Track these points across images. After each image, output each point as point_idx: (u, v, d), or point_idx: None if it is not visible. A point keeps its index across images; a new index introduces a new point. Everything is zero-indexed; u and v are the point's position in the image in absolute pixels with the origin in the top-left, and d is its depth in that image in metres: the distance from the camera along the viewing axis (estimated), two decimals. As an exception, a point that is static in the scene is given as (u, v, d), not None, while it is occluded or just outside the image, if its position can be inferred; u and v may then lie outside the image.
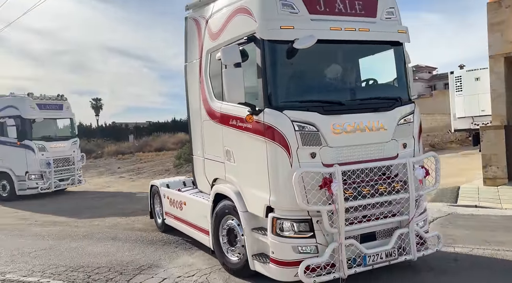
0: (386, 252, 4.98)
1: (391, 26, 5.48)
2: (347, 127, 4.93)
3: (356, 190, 4.77)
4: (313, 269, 4.59)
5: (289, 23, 4.87)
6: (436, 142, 30.02)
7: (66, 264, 6.86)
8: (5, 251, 8.07)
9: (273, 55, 4.91)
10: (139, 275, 6.06)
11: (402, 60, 5.68)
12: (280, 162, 4.78)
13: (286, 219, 4.82)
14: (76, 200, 14.88)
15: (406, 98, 5.54)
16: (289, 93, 5.10)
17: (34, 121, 15.58)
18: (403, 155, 5.19)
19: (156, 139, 40.78)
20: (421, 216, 5.44)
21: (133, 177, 21.13)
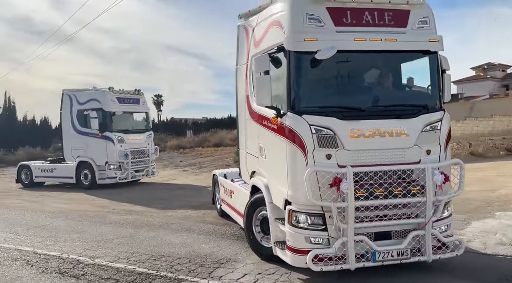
0: (398, 251, 5.29)
1: (422, 36, 5.65)
2: (366, 132, 5.28)
3: (368, 190, 5.14)
4: (321, 258, 5.11)
5: (313, 35, 5.30)
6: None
7: (148, 253, 7.20)
8: (90, 236, 8.63)
9: (297, 65, 5.38)
10: (219, 268, 6.20)
11: (435, 69, 5.79)
12: (297, 161, 5.29)
13: (301, 212, 5.35)
14: (147, 191, 15.60)
15: (434, 106, 5.69)
16: (310, 99, 5.49)
17: (114, 114, 16.47)
18: (426, 161, 5.34)
19: (214, 135, 41.67)
20: (444, 220, 5.62)
21: (196, 171, 21.73)
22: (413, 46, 5.66)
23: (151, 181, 18.17)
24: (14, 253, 7.57)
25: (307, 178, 5.05)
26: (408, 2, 5.67)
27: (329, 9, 5.45)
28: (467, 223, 8.19)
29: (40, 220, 10.62)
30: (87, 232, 9.08)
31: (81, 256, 7.18)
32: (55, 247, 7.87)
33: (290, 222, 5.44)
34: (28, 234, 9.06)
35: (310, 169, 5.10)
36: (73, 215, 11.16)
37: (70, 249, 7.71)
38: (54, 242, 8.30)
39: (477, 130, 27.37)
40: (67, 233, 9.00)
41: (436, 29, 5.82)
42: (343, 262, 5.18)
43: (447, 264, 6.01)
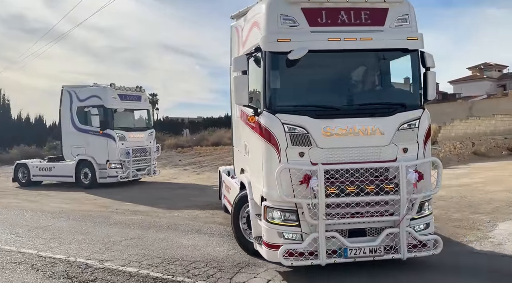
0: (370, 248, 5.31)
1: (400, 34, 5.60)
2: (339, 131, 5.32)
3: (339, 188, 5.18)
4: (292, 253, 5.23)
5: (286, 36, 5.37)
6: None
7: (160, 256, 6.80)
8: (96, 238, 8.22)
9: (271, 65, 5.47)
10: (239, 273, 5.81)
11: (414, 67, 5.72)
12: (271, 159, 5.40)
13: (275, 208, 5.46)
14: (149, 190, 15.17)
15: (413, 104, 5.65)
16: (284, 99, 5.55)
17: (116, 111, 16.01)
18: (403, 159, 5.34)
19: (212, 134, 41.27)
20: (422, 219, 5.61)
21: (197, 170, 21.31)
22: (390, 45, 5.60)
23: (152, 180, 17.75)
24: (17, 256, 7.14)
25: (277, 175, 5.16)
26: (386, 1, 5.59)
27: (304, 9, 5.48)
28: (493, 224, 7.88)
29: (41, 221, 10.18)
30: (92, 233, 8.67)
31: (89, 259, 6.77)
32: (60, 250, 7.45)
33: (265, 217, 5.57)
34: (30, 236, 8.63)
35: (281, 167, 5.20)
36: (76, 215, 10.72)
37: (77, 251, 7.29)
38: (58, 244, 7.87)
39: (479, 129, 27.18)
40: (71, 235, 8.58)
41: (417, 27, 5.72)
42: (314, 258, 5.26)
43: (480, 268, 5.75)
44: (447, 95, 58.54)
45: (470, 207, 9.44)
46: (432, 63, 5.73)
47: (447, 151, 22.76)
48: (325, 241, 5.20)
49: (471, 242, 6.88)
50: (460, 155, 23.25)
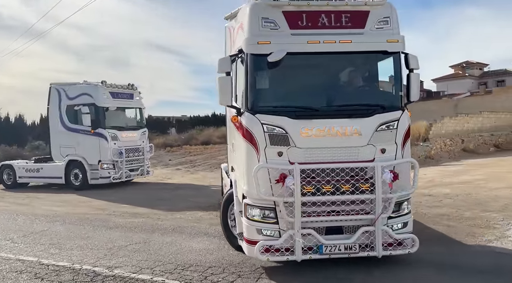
0: (345, 245, 5.43)
1: (380, 36, 5.64)
2: (317, 131, 5.42)
3: (316, 187, 5.31)
4: (268, 249, 5.40)
5: (267, 38, 5.49)
6: (500, 142, 28.34)
7: (172, 261, 6.45)
8: (98, 243, 7.82)
9: (252, 66, 5.58)
10: (261, 279, 5.53)
11: (396, 69, 5.75)
12: (251, 158, 5.52)
13: (254, 205, 5.59)
14: (145, 191, 14.71)
15: (393, 105, 5.69)
16: (264, 100, 5.69)
17: (107, 109, 15.48)
18: (381, 159, 5.43)
19: (200, 133, 40.79)
20: (400, 218, 5.69)
21: (190, 169, 20.90)
22: (369, 47, 5.65)
23: (145, 180, 17.27)
24: (17, 264, 6.70)
25: (254, 174, 5.28)
26: (367, 3, 5.65)
27: (285, 12, 5.57)
28: (508, 223, 7.79)
29: (36, 225, 9.68)
30: (93, 237, 8.25)
31: (96, 267, 6.38)
32: (62, 256, 7.03)
33: (245, 215, 5.72)
34: (26, 242, 8.16)
35: (258, 166, 5.32)
36: (71, 219, 10.25)
37: (81, 258, 6.88)
38: (59, 250, 7.44)
39: (468, 126, 27.48)
40: (71, 240, 8.15)
41: (399, 29, 5.74)
42: (290, 254, 5.40)
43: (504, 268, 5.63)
44: (431, 93, 59.36)
45: (479, 204, 9.37)
46: (416, 65, 5.74)
47: (438, 148, 22.92)
48: (301, 238, 5.33)
49: (491, 242, 6.76)
50: (451, 152, 23.46)
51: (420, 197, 10.58)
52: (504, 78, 60.72)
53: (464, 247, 6.53)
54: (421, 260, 6.01)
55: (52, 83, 16.49)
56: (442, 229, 7.49)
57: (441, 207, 9.28)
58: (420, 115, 28.39)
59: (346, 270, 5.67)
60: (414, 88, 5.74)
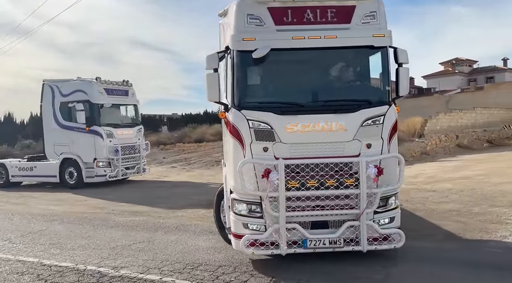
0: (330, 239, 5.45)
1: (366, 31, 5.58)
2: (302, 127, 5.42)
3: (300, 181, 5.35)
4: (253, 243, 5.46)
5: (252, 35, 5.49)
6: (493, 137, 28.54)
7: (180, 260, 6.26)
8: (100, 242, 7.59)
9: (238, 63, 5.60)
10: (275, 279, 5.36)
11: (383, 63, 5.68)
12: (237, 153, 5.56)
13: (241, 200, 5.66)
14: (142, 189, 14.45)
15: (379, 100, 5.63)
16: (249, 96, 5.72)
17: (102, 106, 15.16)
18: (366, 154, 5.40)
19: (193, 131, 40.48)
20: (386, 213, 5.66)
21: (186, 167, 20.64)
22: (355, 42, 5.60)
23: (142, 179, 16.97)
24: (17, 265, 6.46)
25: (239, 169, 5.33)
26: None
27: (270, 9, 5.57)
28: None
29: (33, 225, 9.40)
30: (94, 237, 8.01)
31: (101, 267, 6.17)
32: (64, 257, 6.79)
33: (232, 209, 5.79)
34: (25, 242, 7.90)
35: (242, 161, 5.36)
36: (70, 218, 9.98)
37: (84, 258, 6.66)
38: (60, 250, 7.20)
39: (462, 122, 27.64)
40: (71, 239, 7.90)
41: (386, 24, 5.68)
42: (275, 248, 5.45)
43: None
44: (422, 90, 59.72)
45: (485, 200, 9.30)
46: (405, 59, 5.66)
47: (434, 144, 22.98)
48: (285, 232, 5.36)
49: (506, 237, 6.65)
50: (446, 148, 23.53)
51: (425, 192, 10.52)
52: (493, 74, 61.37)
53: (479, 243, 6.41)
54: (436, 256, 5.93)
55: (45, 80, 16.11)
56: (453, 225, 7.37)
57: (448, 203, 9.20)
58: (413, 111, 28.50)
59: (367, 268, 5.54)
60: (404, 83, 5.67)
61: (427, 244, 6.44)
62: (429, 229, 7.25)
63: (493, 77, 60.55)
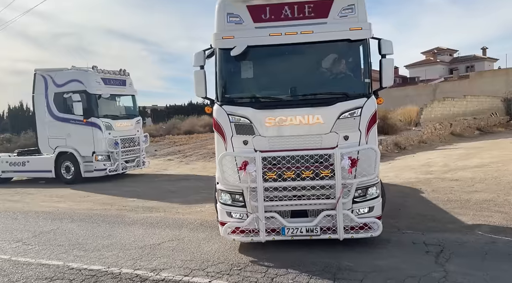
0: (307, 227, 5.70)
1: (343, 25, 5.64)
2: (280, 121, 5.63)
3: (277, 173, 5.62)
4: (234, 231, 5.89)
5: (231, 33, 5.76)
6: (482, 125, 28.94)
7: (222, 260, 5.83)
8: (125, 241, 7.10)
9: (220, 60, 5.90)
10: (339, 276, 5.01)
11: (364, 56, 5.76)
12: (220, 147, 5.92)
13: (225, 191, 6.01)
14: (146, 183, 13.84)
15: (357, 93, 5.70)
16: (230, 91, 5.98)
17: (100, 97, 14.40)
18: (344, 146, 5.56)
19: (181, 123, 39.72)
20: (365, 202, 5.78)
21: (183, 160, 20.02)
22: (332, 37, 5.66)
23: (141, 172, 16.33)
24: (42, 269, 5.92)
25: (219, 161, 5.74)
26: None
27: (249, 7, 5.77)
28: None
29: (42, 224, 8.78)
30: (115, 236, 7.49)
31: (137, 269, 5.70)
32: (91, 259, 6.27)
33: (218, 199, 6.14)
34: (40, 242, 7.32)
35: (222, 154, 5.74)
36: (79, 216, 9.38)
37: (114, 260, 6.17)
38: (84, 251, 6.67)
39: (454, 110, 27.86)
40: (91, 239, 7.37)
41: (366, 15, 5.69)
42: (255, 235, 5.80)
43: None
44: (407, 79, 60.24)
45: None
46: (389, 50, 5.72)
47: (429, 133, 23.05)
48: (264, 221, 5.64)
49: None
50: (441, 136, 23.67)
51: (448, 182, 10.32)
52: (473, 63, 62.39)
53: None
54: (497, 249, 5.66)
55: (37, 69, 15.19)
56: (496, 216, 7.15)
57: (478, 192, 9.00)
58: (402, 101, 28.63)
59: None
60: (388, 74, 5.73)
61: (476, 238, 6.15)
62: (471, 221, 7.00)
63: (473, 66, 61.54)
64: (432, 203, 8.38)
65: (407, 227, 6.85)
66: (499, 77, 38.72)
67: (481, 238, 6.12)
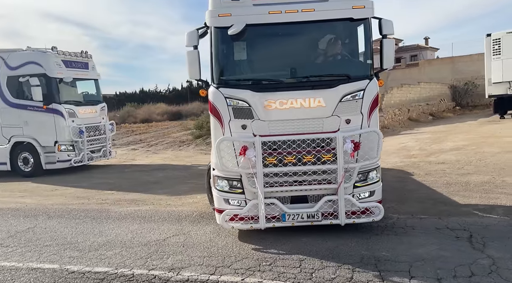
0: (308, 213, 5.56)
1: (346, 3, 5.41)
2: (280, 104, 5.37)
3: (277, 158, 5.39)
4: (232, 218, 5.64)
5: (227, 10, 5.39)
6: (434, 111, 30.27)
7: (245, 255, 5.34)
8: (123, 238, 6.41)
9: (215, 40, 5.52)
10: (385, 269, 4.71)
11: (365, 36, 5.54)
12: (216, 131, 5.60)
13: (222, 177, 5.74)
14: (119, 174, 12.87)
15: (359, 75, 5.50)
16: (227, 73, 5.68)
17: (61, 81, 13.10)
18: (346, 130, 5.37)
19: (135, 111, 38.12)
20: (366, 187, 5.66)
21: (149, 149, 19.00)
22: (333, 15, 5.44)
23: (107, 163, 15.23)
24: (35, 275, 5.14)
25: (217, 146, 5.42)
26: None
27: None
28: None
29: (14, 222, 7.76)
30: (108, 233, 6.75)
31: (152, 269, 5.08)
32: (91, 260, 5.55)
33: (215, 186, 5.88)
34: (21, 243, 6.44)
35: (220, 139, 5.42)
36: (56, 212, 8.42)
37: (119, 260, 5.49)
38: (79, 252, 5.90)
39: (410, 97, 28.79)
40: (82, 237, 6.58)
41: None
42: (254, 222, 5.58)
43: None
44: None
45: (503, 170, 9.41)
46: (390, 30, 5.55)
47: (390, 118, 23.67)
48: (264, 207, 5.43)
49: None
50: (400, 121, 24.41)
51: (436, 165, 10.46)
52: (416, 53, 65.28)
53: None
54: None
55: (-14, 49, 13.55)
56: (506, 198, 7.20)
57: (471, 174, 9.15)
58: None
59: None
60: (389, 55, 5.56)
61: (497, 221, 6.13)
62: (482, 203, 7.02)
63: (416, 55, 64.35)
64: (432, 186, 8.38)
65: (420, 212, 6.74)
66: (446, 65, 40.76)
67: (501, 220, 6.11)
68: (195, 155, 16.41)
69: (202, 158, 15.26)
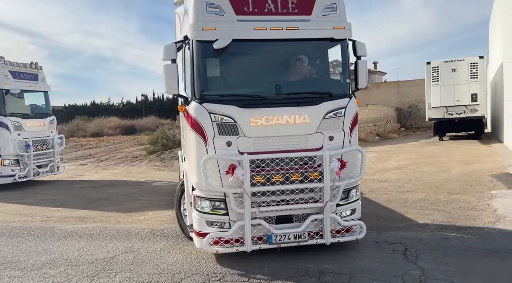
0: (295, 234, 5.50)
1: (327, 23, 5.64)
2: (266, 120, 5.35)
3: (265, 176, 5.31)
4: (217, 241, 5.40)
5: (212, 24, 5.32)
6: (380, 131, 31.83)
7: (195, 271, 5.41)
8: (68, 256, 6.27)
9: (198, 54, 5.37)
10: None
11: (344, 56, 5.78)
12: (199, 148, 5.38)
13: (204, 197, 5.49)
14: (67, 190, 12.42)
15: (340, 93, 5.71)
16: (211, 88, 5.59)
17: (7, 92, 12.66)
18: (329, 147, 5.48)
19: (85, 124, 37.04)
20: (348, 205, 5.83)
21: (99, 164, 18.53)
22: (316, 34, 5.63)
23: (53, 179, 14.69)
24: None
25: (202, 165, 5.15)
26: None
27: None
28: (487, 204, 8.38)
29: (-51, 241, 7.34)
30: (53, 251, 6.57)
31: (99, 288, 5.02)
32: (33, 279, 5.42)
33: (195, 207, 5.61)
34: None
35: (206, 157, 5.19)
36: (-4, 229, 8.05)
37: (64, 278, 5.39)
38: (20, 271, 5.72)
39: (359, 118, 29.89)
40: (24, 256, 6.37)
41: (345, 16, 5.80)
42: (240, 245, 5.41)
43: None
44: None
45: (438, 188, 10.08)
46: (363, 52, 5.83)
47: (340, 138, 24.62)
48: (250, 229, 5.33)
49: (494, 223, 7.00)
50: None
51: (379, 183, 11.06)
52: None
53: (477, 230, 6.75)
54: (453, 245, 6.08)
55: None
56: (438, 214, 7.76)
57: (410, 192, 9.75)
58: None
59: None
60: (363, 75, 5.82)
61: (429, 235, 6.58)
62: (417, 219, 7.55)
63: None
64: (376, 202, 8.89)
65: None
66: (392, 89, 43.18)
67: (433, 235, 6.58)
68: (149, 170, 16.23)
69: (156, 174, 15.12)
